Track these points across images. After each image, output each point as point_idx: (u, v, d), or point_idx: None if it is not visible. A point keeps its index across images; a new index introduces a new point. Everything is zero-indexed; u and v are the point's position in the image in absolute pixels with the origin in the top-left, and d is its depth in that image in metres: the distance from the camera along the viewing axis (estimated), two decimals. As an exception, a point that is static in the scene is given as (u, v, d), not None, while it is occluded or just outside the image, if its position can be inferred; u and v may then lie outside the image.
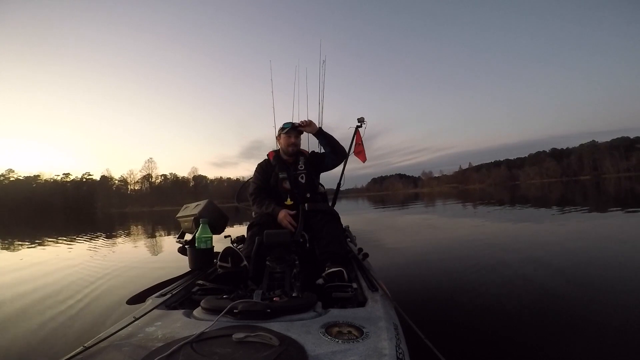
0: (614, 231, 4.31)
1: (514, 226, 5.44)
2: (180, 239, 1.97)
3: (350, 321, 0.86)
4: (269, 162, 2.09)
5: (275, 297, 0.98)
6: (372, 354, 0.69)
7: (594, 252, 3.19)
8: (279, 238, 1.43)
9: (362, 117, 2.73)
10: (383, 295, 1.12)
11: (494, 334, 1.57)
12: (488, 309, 1.88)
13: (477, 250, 3.57)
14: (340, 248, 1.63)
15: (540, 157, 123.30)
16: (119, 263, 4.37)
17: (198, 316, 0.94)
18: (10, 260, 5.11)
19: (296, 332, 0.79)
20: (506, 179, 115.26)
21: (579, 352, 1.38)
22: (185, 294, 1.30)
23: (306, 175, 2.01)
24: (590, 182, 37.51)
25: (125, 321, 0.91)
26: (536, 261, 2.91)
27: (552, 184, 40.56)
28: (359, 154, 2.72)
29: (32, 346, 1.73)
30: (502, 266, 2.81)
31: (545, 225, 5.30)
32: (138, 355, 0.70)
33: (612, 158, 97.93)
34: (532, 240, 4.01)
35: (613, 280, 2.28)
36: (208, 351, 0.69)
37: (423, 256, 3.41)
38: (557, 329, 1.57)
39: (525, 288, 2.21)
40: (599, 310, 1.77)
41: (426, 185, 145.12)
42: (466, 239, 4.41)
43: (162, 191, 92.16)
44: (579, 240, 3.82)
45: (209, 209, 1.91)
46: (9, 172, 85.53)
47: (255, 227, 1.73)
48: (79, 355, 0.73)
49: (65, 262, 4.53)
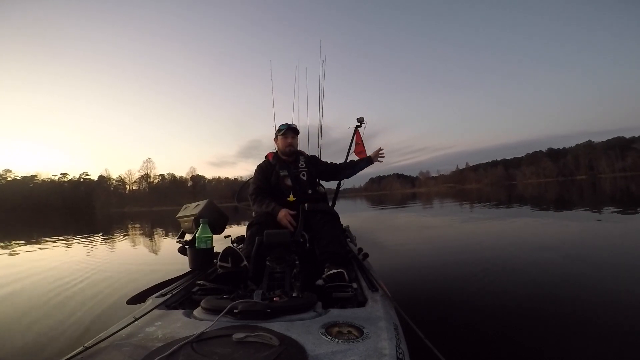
0: (613, 231, 4.31)
1: (512, 225, 5.46)
2: (180, 239, 1.97)
3: (350, 321, 0.86)
4: (268, 162, 2.13)
5: (275, 297, 0.98)
6: (372, 354, 0.69)
7: (595, 251, 3.18)
8: (279, 238, 1.43)
9: (361, 117, 2.74)
10: (383, 295, 1.12)
11: (494, 334, 1.57)
12: (488, 309, 1.88)
13: (476, 249, 3.58)
14: (340, 248, 1.63)
15: (537, 157, 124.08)
16: (119, 263, 4.36)
17: (198, 316, 0.94)
18: (9, 260, 5.08)
19: (296, 332, 0.79)
20: (503, 179, 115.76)
21: (579, 351, 1.37)
22: (185, 294, 1.29)
23: (307, 173, 2.06)
24: (587, 182, 37.69)
25: (125, 321, 0.91)
26: (536, 260, 2.92)
27: (548, 184, 40.78)
28: (360, 153, 2.73)
29: (32, 346, 1.72)
30: (501, 265, 2.81)
31: (544, 225, 5.31)
32: (138, 355, 0.70)
33: (607, 158, 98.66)
34: (531, 240, 4.02)
35: (614, 280, 2.27)
36: (208, 351, 0.69)
37: (423, 256, 3.41)
38: (558, 329, 1.57)
39: (526, 287, 2.21)
40: (599, 310, 1.77)
41: (423, 185, 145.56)
42: (465, 238, 4.42)
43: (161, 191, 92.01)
44: (578, 239, 3.82)
45: (209, 209, 1.91)
46: (6, 172, 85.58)
47: (254, 227, 1.73)
48: (79, 355, 0.73)
49: (65, 262, 4.51)
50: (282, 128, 2.08)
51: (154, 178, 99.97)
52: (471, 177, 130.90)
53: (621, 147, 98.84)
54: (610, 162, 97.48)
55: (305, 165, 2.08)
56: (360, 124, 2.76)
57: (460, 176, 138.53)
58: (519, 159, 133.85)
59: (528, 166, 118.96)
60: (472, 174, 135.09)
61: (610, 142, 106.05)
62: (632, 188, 14.74)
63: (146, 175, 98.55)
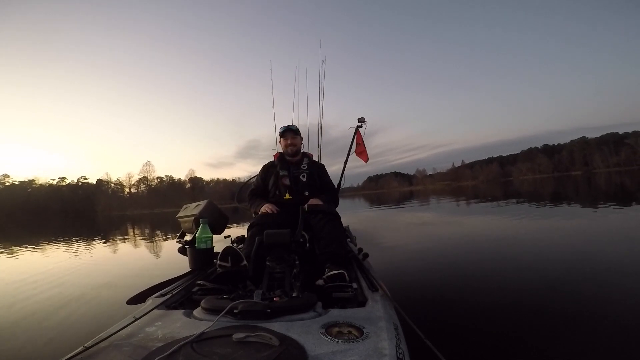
0: (614, 226, 4.29)
1: (510, 223, 5.46)
2: (180, 239, 1.97)
3: (350, 321, 0.86)
4: (272, 163, 2.22)
5: (275, 297, 0.98)
6: (372, 354, 0.69)
7: (595, 247, 3.15)
8: (279, 238, 1.43)
9: (362, 118, 2.75)
10: (383, 295, 1.12)
11: (494, 334, 1.56)
12: (488, 308, 1.87)
13: (476, 249, 3.57)
14: (341, 248, 1.64)
15: (532, 154, 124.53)
16: (119, 263, 4.36)
17: (198, 316, 0.94)
18: (9, 263, 5.05)
19: (296, 332, 0.79)
20: (499, 176, 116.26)
21: (579, 351, 1.37)
22: (185, 294, 1.29)
23: (308, 175, 2.09)
24: (582, 177, 37.82)
25: (125, 321, 0.91)
26: (536, 259, 2.90)
27: (544, 180, 40.92)
28: (360, 154, 2.74)
29: (32, 346, 1.72)
30: (501, 265, 2.79)
31: (542, 222, 5.31)
32: (138, 355, 0.70)
33: (601, 153, 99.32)
34: (530, 237, 4.01)
35: (615, 278, 2.23)
36: (208, 351, 0.69)
37: (423, 256, 3.40)
38: (558, 328, 1.57)
39: (526, 286, 2.20)
40: (600, 309, 1.75)
41: (420, 183, 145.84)
42: (465, 237, 4.41)
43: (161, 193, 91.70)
44: (578, 236, 3.80)
45: (209, 209, 1.92)
46: (5, 177, 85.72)
47: (255, 227, 1.74)
48: (79, 355, 0.73)
49: (66, 263, 4.51)
50: (281, 130, 2.19)
51: (152, 180, 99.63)
52: (467, 174, 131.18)
53: (615, 142, 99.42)
54: (604, 157, 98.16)
55: (308, 168, 2.11)
56: (361, 125, 2.77)
57: (456, 174, 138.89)
58: (514, 156, 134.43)
59: (524, 162, 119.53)
60: (468, 171, 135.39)
61: (604, 137, 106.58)
62: (627, 183, 14.85)
63: (145, 178, 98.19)
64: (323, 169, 2.26)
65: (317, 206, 1.85)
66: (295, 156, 2.16)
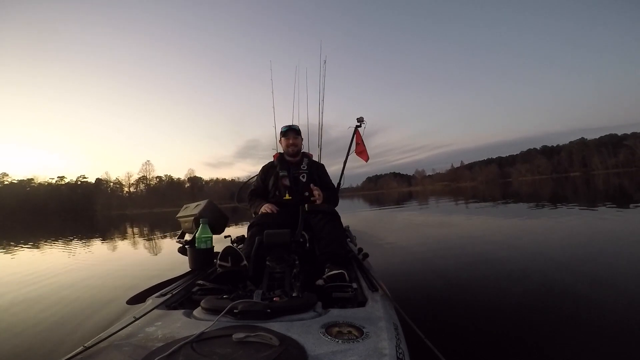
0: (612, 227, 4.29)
1: (510, 223, 5.47)
2: (180, 239, 1.97)
3: (350, 321, 0.86)
4: (272, 163, 2.21)
5: (275, 297, 0.98)
6: (372, 354, 0.70)
7: (595, 248, 3.15)
8: (279, 238, 1.43)
9: (361, 117, 2.75)
10: (383, 295, 1.12)
11: (494, 334, 1.56)
12: (488, 308, 1.87)
13: (475, 248, 3.57)
14: (341, 248, 1.64)
15: (531, 155, 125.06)
16: (119, 263, 4.35)
17: (198, 316, 0.94)
18: (9, 262, 5.03)
19: (296, 332, 0.79)
20: (498, 177, 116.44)
21: (579, 350, 1.37)
22: (185, 294, 1.29)
23: (307, 175, 2.08)
24: (580, 178, 37.88)
25: (125, 321, 0.91)
26: (536, 259, 2.91)
27: (542, 181, 40.96)
28: (360, 153, 2.74)
29: (32, 346, 1.71)
30: (501, 264, 2.79)
31: (542, 222, 5.32)
32: (138, 355, 0.70)
33: (600, 155, 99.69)
34: (530, 238, 4.01)
35: (615, 278, 2.23)
36: (208, 351, 0.69)
37: (423, 256, 3.40)
38: (558, 328, 1.57)
39: (526, 286, 2.20)
40: (601, 308, 1.75)
41: (419, 183, 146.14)
42: (465, 237, 4.41)
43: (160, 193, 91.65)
44: (577, 237, 3.80)
45: (209, 209, 1.92)
46: (4, 175, 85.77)
47: (255, 227, 1.74)
48: (79, 355, 0.73)
49: (66, 263, 4.50)
50: (283, 130, 2.18)
51: (151, 180, 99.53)
52: (466, 175, 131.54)
53: (613, 144, 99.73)
54: (603, 158, 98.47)
55: (308, 168, 2.11)
56: (360, 124, 2.77)
57: (455, 174, 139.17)
58: (513, 157, 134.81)
59: (522, 164, 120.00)
60: (467, 172, 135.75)
61: (603, 139, 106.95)
62: (626, 184, 14.88)
63: (144, 178, 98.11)
64: (323, 168, 2.26)
65: (317, 205, 1.85)
66: (295, 156, 2.15)
